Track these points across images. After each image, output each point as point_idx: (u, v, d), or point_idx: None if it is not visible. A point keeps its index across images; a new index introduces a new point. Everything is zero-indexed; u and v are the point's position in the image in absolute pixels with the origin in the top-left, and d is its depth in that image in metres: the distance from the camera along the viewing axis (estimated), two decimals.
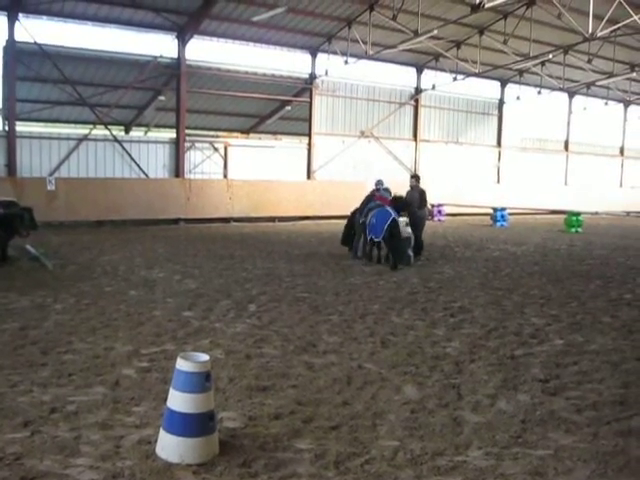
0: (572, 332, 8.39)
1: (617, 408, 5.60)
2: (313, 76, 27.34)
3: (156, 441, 4.52)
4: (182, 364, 4.41)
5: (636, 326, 8.83)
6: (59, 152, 23.06)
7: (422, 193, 15.23)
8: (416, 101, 30.85)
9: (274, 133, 30.96)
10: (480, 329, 8.43)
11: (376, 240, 13.92)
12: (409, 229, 14.47)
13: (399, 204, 14.63)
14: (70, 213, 21.04)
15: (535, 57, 26.86)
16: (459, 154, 32.57)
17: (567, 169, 37.29)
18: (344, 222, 15.94)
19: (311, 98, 27.55)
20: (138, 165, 24.15)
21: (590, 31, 21.19)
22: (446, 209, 28.41)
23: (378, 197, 14.83)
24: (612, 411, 5.52)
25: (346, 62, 26.02)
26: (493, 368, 6.68)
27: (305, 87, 27.63)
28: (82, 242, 16.91)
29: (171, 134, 25.88)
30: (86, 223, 21.18)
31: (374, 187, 15.59)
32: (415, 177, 15.98)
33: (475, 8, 18.92)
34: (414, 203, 14.96)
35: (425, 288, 11.41)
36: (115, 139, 24.06)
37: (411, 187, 15.48)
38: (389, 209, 13.82)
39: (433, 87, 30.51)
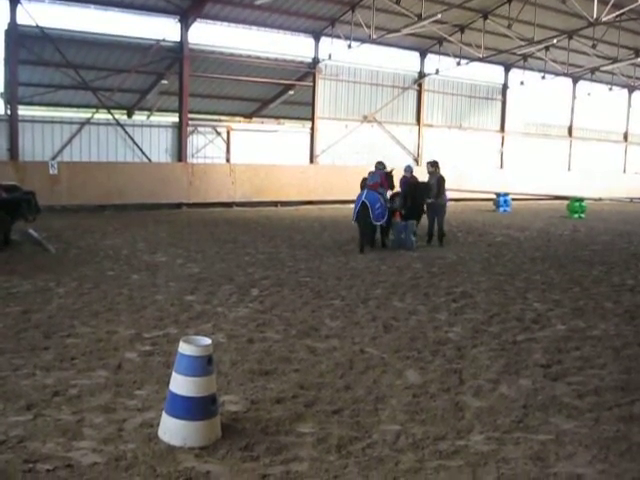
0: (574, 317, 8.39)
1: (619, 394, 5.60)
2: (316, 60, 27.18)
3: (158, 424, 4.53)
4: (184, 348, 4.41)
5: (638, 312, 8.83)
6: (61, 136, 22.98)
7: (440, 180, 14.82)
8: (419, 86, 30.70)
9: (277, 117, 30.81)
10: (482, 314, 8.43)
11: (354, 222, 14.02)
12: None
13: (414, 189, 14.69)
14: (72, 197, 21.00)
15: (539, 42, 26.69)
16: (462, 139, 32.43)
17: (570, 154, 37.13)
18: (347, 207, 15.88)
19: (314, 82, 27.41)
20: (141, 149, 24.10)
21: (595, 16, 21.05)
22: (449, 194, 28.26)
23: (370, 185, 14.41)
24: (614, 396, 5.52)
25: (349, 46, 25.85)
26: (495, 353, 6.69)
27: (308, 71, 27.49)
28: (84, 226, 16.91)
29: (174, 118, 25.78)
30: (88, 207, 21.16)
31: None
32: (432, 163, 15.24)
33: None
34: (432, 191, 14.65)
35: (427, 273, 11.40)
36: (118, 123, 23.98)
37: (429, 174, 15.10)
38: (368, 193, 13.77)
39: (437, 72, 30.33)
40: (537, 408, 5.22)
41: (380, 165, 14.92)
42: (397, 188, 15.32)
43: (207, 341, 4.52)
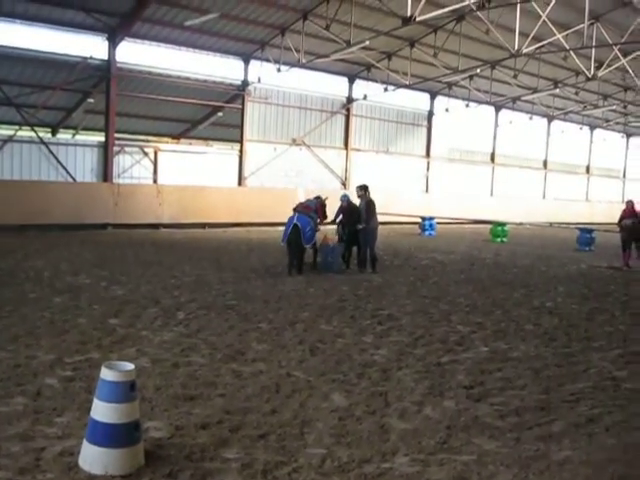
0: (496, 339, 8.59)
1: (539, 413, 5.76)
2: (246, 83, 27.22)
3: (79, 453, 4.40)
4: (106, 373, 4.31)
5: (557, 333, 9.12)
6: None
7: (368, 204, 14.45)
8: (347, 110, 31.12)
9: (205, 139, 30.66)
10: (407, 337, 8.54)
11: (282, 244, 14.08)
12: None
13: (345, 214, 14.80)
14: None
15: (464, 71, 27.57)
16: (389, 163, 32.98)
17: (493, 180, 38.25)
18: (275, 229, 15.89)
19: (243, 105, 27.42)
20: (65, 168, 23.54)
21: (516, 47, 21.83)
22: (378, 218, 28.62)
23: (303, 205, 14.73)
24: (534, 416, 5.67)
25: (279, 70, 26.04)
26: (420, 375, 6.77)
27: (237, 93, 27.49)
28: (5, 246, 16.35)
29: (100, 137, 25.32)
30: (10, 227, 20.46)
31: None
32: (361, 187, 14.81)
33: (406, 21, 19.18)
34: (361, 215, 14.39)
35: (354, 296, 11.49)
36: (41, 141, 23.40)
37: (358, 197, 14.78)
38: (299, 216, 13.88)
39: (364, 97, 30.84)
40: (460, 429, 5.31)
41: (318, 199, 15.15)
42: (331, 217, 15.38)
43: (130, 366, 4.43)
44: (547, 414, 5.75)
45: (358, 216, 14.50)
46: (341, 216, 15.13)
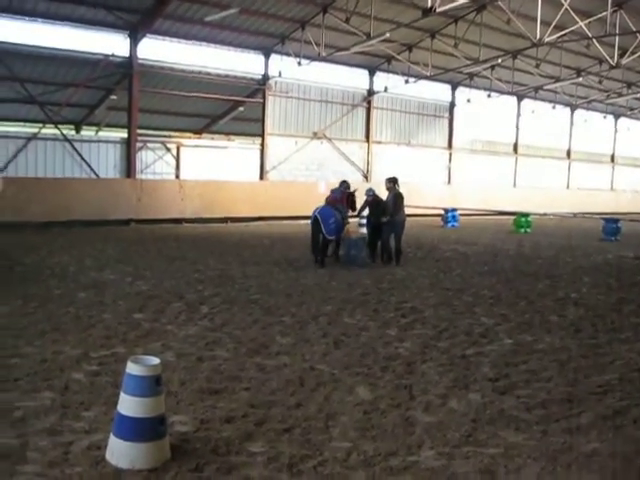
0: (521, 331, 8.52)
1: (565, 406, 5.70)
2: (266, 77, 27.22)
3: (106, 447, 4.43)
4: (132, 368, 4.33)
5: (582, 324, 9.03)
6: (7, 151, 22.47)
7: (396, 197, 14.33)
8: (368, 103, 31.00)
9: (227, 134, 30.70)
10: (431, 329, 8.50)
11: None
12: (363, 230, 14.50)
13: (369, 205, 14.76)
14: (18, 213, 20.44)
15: (485, 61, 27.29)
16: (411, 156, 32.83)
17: (516, 171, 37.93)
18: (297, 223, 15.90)
19: (264, 99, 27.43)
20: (89, 165, 23.72)
21: (538, 36, 21.58)
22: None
23: (331, 197, 14.75)
24: (560, 409, 5.62)
25: (299, 63, 26.00)
26: (444, 368, 6.74)
27: (258, 88, 27.50)
28: (30, 243, 16.53)
29: (122, 134, 25.45)
30: (34, 224, 20.65)
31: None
32: (390, 179, 14.75)
33: (426, 12, 19.05)
34: (388, 208, 14.27)
35: (377, 289, 11.46)
36: (65, 138, 23.58)
37: (387, 190, 14.68)
38: (322, 208, 13.97)
39: (385, 89, 30.70)
40: (486, 422, 5.27)
41: (344, 184, 15.11)
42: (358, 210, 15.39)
43: (155, 360, 4.45)
44: (574, 406, 5.69)
45: (384, 209, 14.41)
46: (367, 210, 15.10)
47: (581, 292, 11.80)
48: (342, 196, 14.66)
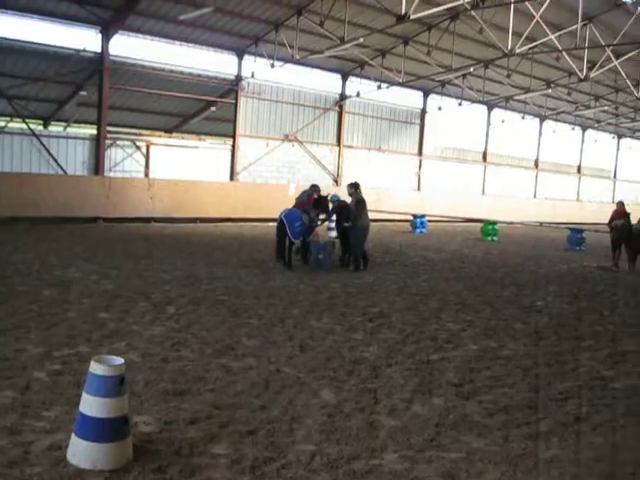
0: (486, 338, 8.62)
1: (527, 412, 5.78)
2: (239, 78, 27.14)
3: (67, 447, 4.38)
4: (96, 367, 4.29)
5: (546, 332, 9.15)
6: None
7: (358, 202, 14.32)
8: (340, 107, 31.08)
9: (198, 133, 30.58)
10: (397, 334, 8.55)
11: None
12: (333, 234, 14.51)
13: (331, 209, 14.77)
14: None
15: (457, 69, 27.59)
16: (381, 161, 32.99)
17: (485, 179, 38.30)
18: (266, 225, 15.89)
19: (236, 100, 27.34)
20: (56, 161, 23.42)
21: (509, 47, 21.84)
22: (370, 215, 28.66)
23: (299, 201, 14.73)
24: (522, 414, 5.69)
25: (272, 65, 25.98)
26: (409, 372, 6.79)
27: (231, 88, 27.40)
28: None
29: (92, 130, 25.20)
30: None
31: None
32: (351, 185, 14.80)
33: (400, 19, 19.16)
34: (351, 214, 14.19)
35: (344, 293, 11.49)
36: (33, 133, 23.26)
37: (349, 195, 14.71)
38: (288, 211, 14.02)
39: (358, 94, 30.83)
40: (449, 426, 5.32)
41: (314, 187, 15.07)
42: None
43: (119, 360, 4.42)
44: (535, 412, 5.77)
45: (347, 215, 14.38)
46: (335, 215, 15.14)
47: (546, 300, 11.95)
48: (310, 199, 14.64)
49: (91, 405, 4.25)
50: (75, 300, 9.49)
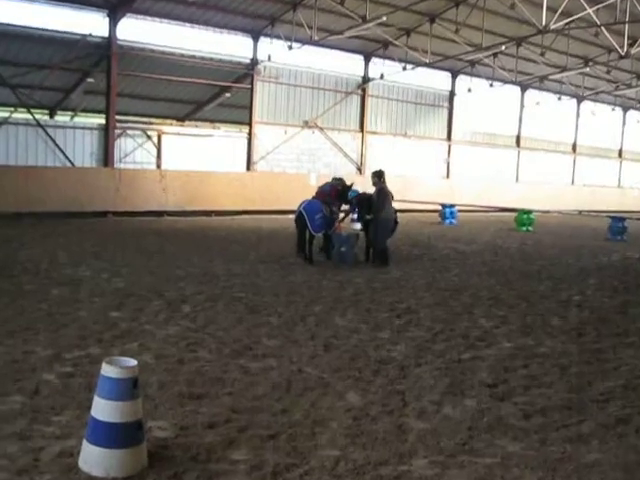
0: (521, 335, 8.57)
1: (566, 413, 5.74)
2: (255, 61, 27.15)
3: (79, 453, 4.43)
4: (107, 369, 4.32)
5: (585, 329, 9.08)
6: None
7: (379, 192, 14.00)
8: (363, 90, 30.99)
9: (212, 121, 30.65)
10: (426, 332, 8.53)
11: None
12: (357, 226, 14.45)
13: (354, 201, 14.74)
14: None
15: (487, 48, 27.33)
16: (407, 147, 32.87)
17: (518, 165, 38.03)
18: (286, 217, 15.91)
19: (252, 84, 27.36)
20: (63, 152, 23.61)
21: (544, 23, 21.67)
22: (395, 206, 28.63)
23: (319, 191, 14.76)
24: (561, 416, 5.66)
25: (290, 47, 25.96)
26: (439, 372, 6.77)
27: (246, 73, 27.42)
28: None
29: (100, 120, 25.38)
30: (4, 215, 20.56)
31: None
32: (375, 174, 14.41)
33: None
34: (373, 205, 13.97)
35: (370, 289, 11.49)
36: (38, 124, 23.46)
37: (373, 185, 14.42)
38: (308, 202, 14.00)
39: (381, 76, 30.73)
40: (483, 430, 5.30)
41: (338, 180, 15.11)
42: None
43: (132, 362, 4.45)
44: (575, 414, 5.73)
45: (369, 206, 14.21)
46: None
47: (585, 294, 11.87)
48: (332, 190, 14.62)
49: (103, 409, 4.28)
50: (85, 299, 9.58)
